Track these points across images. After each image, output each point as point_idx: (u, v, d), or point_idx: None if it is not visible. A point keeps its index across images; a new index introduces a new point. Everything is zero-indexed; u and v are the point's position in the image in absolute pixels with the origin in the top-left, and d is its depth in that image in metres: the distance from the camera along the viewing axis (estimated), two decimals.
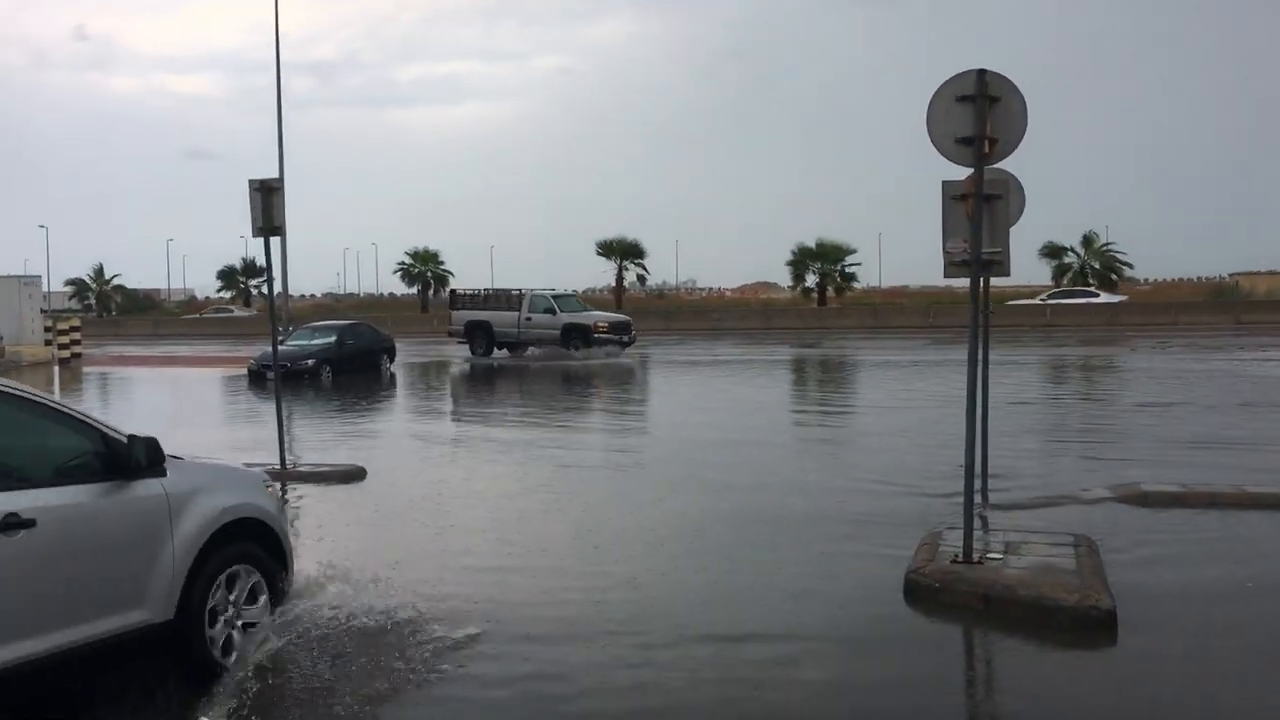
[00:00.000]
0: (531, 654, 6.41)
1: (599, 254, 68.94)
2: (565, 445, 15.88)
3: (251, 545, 6.25)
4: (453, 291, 40.22)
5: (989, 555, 7.87)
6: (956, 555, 7.78)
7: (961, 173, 8.09)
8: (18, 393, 5.47)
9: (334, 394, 24.66)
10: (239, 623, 6.10)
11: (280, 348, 26.84)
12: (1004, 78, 7.92)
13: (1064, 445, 14.80)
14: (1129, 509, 10.21)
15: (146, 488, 5.69)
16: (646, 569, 8.37)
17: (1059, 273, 60.64)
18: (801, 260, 64.20)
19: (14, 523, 4.95)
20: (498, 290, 36.97)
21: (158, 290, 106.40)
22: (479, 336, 35.29)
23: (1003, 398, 16.95)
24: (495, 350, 35.12)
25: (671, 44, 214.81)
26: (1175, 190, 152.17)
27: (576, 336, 33.75)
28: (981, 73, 7.83)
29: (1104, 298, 54.29)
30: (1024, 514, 9.91)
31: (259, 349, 28.91)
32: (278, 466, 12.90)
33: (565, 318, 34.42)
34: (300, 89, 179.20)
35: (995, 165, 8.27)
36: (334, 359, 27.76)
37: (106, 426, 5.67)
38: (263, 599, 6.26)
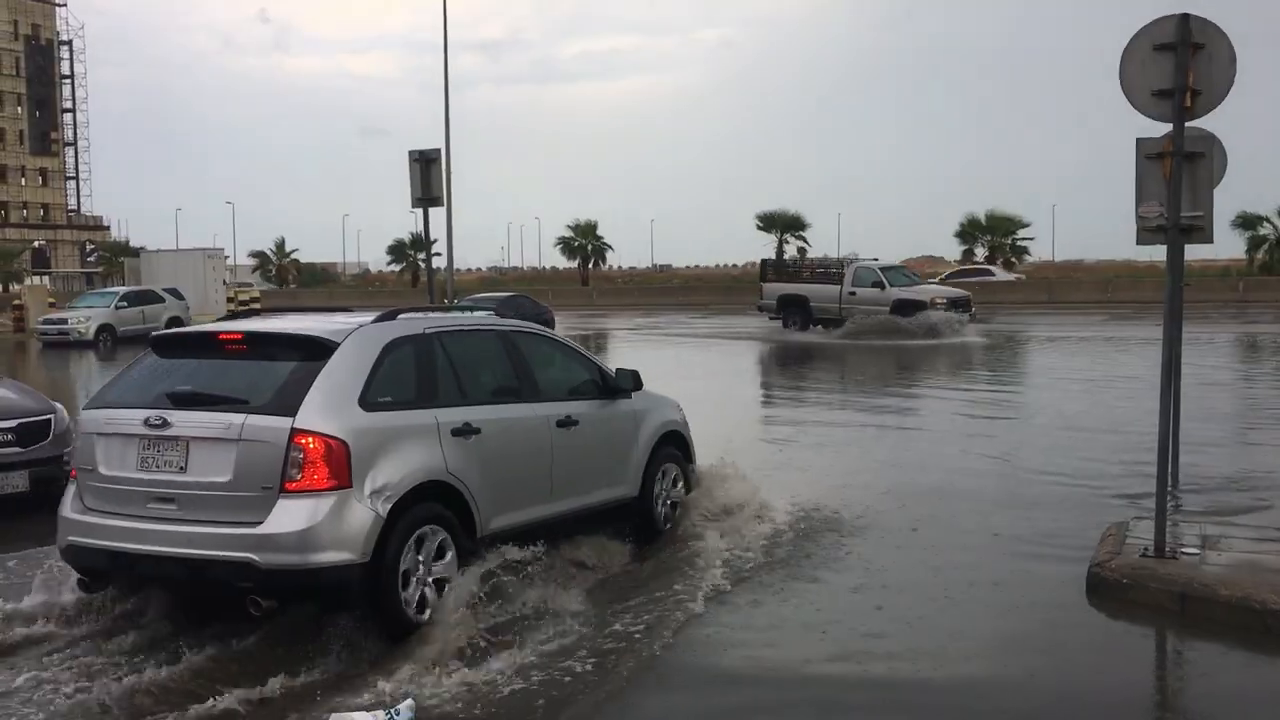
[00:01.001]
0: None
1: (759, 227, 68.16)
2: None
3: (673, 449, 8.61)
4: (764, 262, 37.36)
5: (1183, 549, 7.17)
6: (1147, 549, 7.10)
7: (1157, 130, 7.40)
8: (563, 341, 8.42)
9: None
10: (669, 501, 8.50)
11: None
12: (1210, 23, 7.18)
13: (1261, 431, 13.63)
14: None
15: (626, 405, 8.17)
16: None
17: (1254, 245, 56.60)
18: (970, 232, 61.98)
19: (568, 422, 7.52)
20: (815, 260, 34.24)
21: (334, 264, 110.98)
22: (794, 311, 32.38)
23: (1193, 379, 15.76)
24: (811, 326, 31.89)
25: (836, 12, 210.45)
26: None
27: (909, 312, 29.97)
28: (1185, 17, 7.09)
29: (999, 275, 52.30)
30: (1220, 504, 9.07)
31: None
32: None
33: (896, 292, 31.04)
34: (468, 67, 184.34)
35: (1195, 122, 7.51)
36: None
37: (603, 365, 8.30)
38: (680, 484, 8.66)
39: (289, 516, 5.77)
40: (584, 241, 74.75)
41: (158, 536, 5.98)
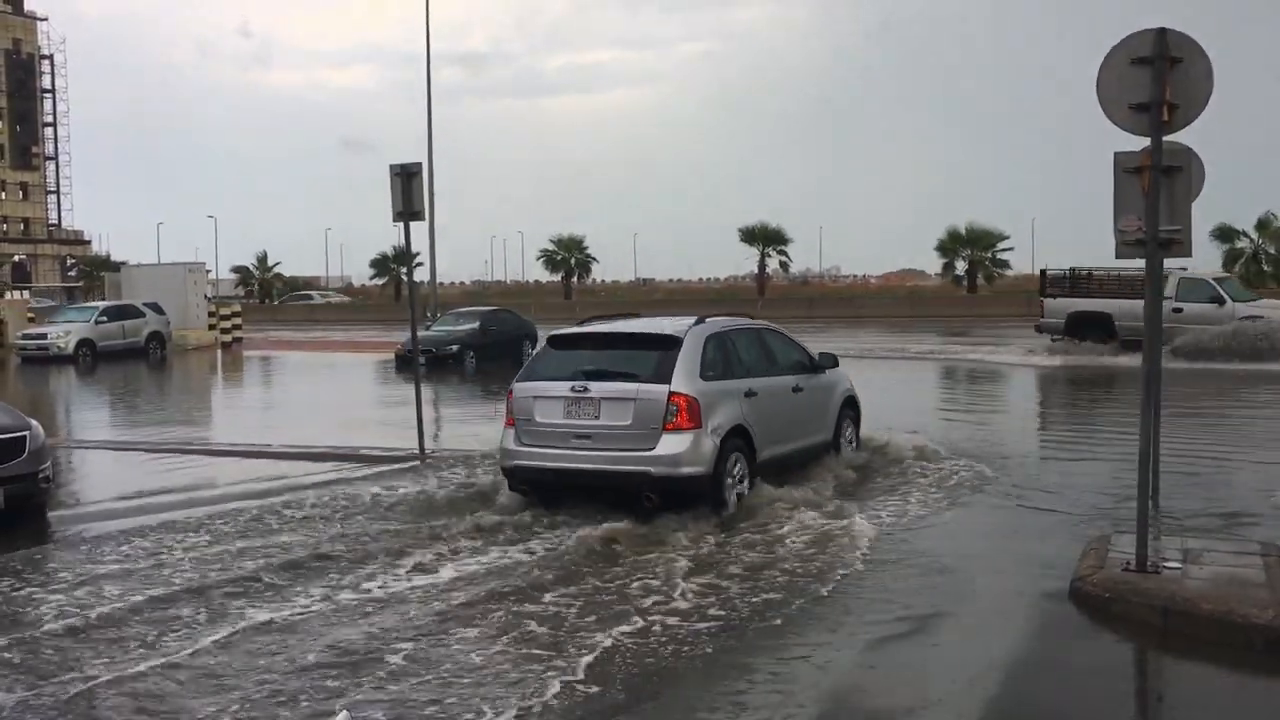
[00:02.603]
0: None
1: (741, 241, 68.24)
2: None
3: (850, 409, 12.23)
4: (1043, 273, 29.45)
5: (1165, 564, 7.15)
6: (1128, 563, 7.08)
7: (1135, 144, 7.42)
8: (786, 334, 11.82)
9: (480, 380, 24.91)
10: (849, 443, 12.11)
11: (425, 334, 27.57)
12: (1187, 37, 7.21)
13: (1239, 450, 13.59)
14: None
15: (826, 377, 11.77)
16: None
17: (1230, 258, 57.02)
18: (951, 246, 62.08)
19: (798, 389, 11.07)
20: (1117, 272, 26.08)
21: (317, 277, 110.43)
22: (1092, 331, 26.00)
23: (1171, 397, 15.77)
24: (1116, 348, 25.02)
25: (816, 25, 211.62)
26: None
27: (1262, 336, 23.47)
28: (1161, 31, 7.12)
29: (317, 298, 51.12)
30: (1201, 520, 9.07)
31: (408, 335, 29.46)
32: (416, 450, 12.96)
33: (1241, 308, 25.18)
34: (451, 80, 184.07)
35: (1172, 136, 7.52)
36: (478, 345, 28.02)
37: (807, 349, 11.75)
38: (851, 431, 12.25)
39: (669, 445, 9.30)
40: (567, 255, 74.68)
41: (580, 459, 9.56)
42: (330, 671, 5.90)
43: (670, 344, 9.77)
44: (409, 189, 13.00)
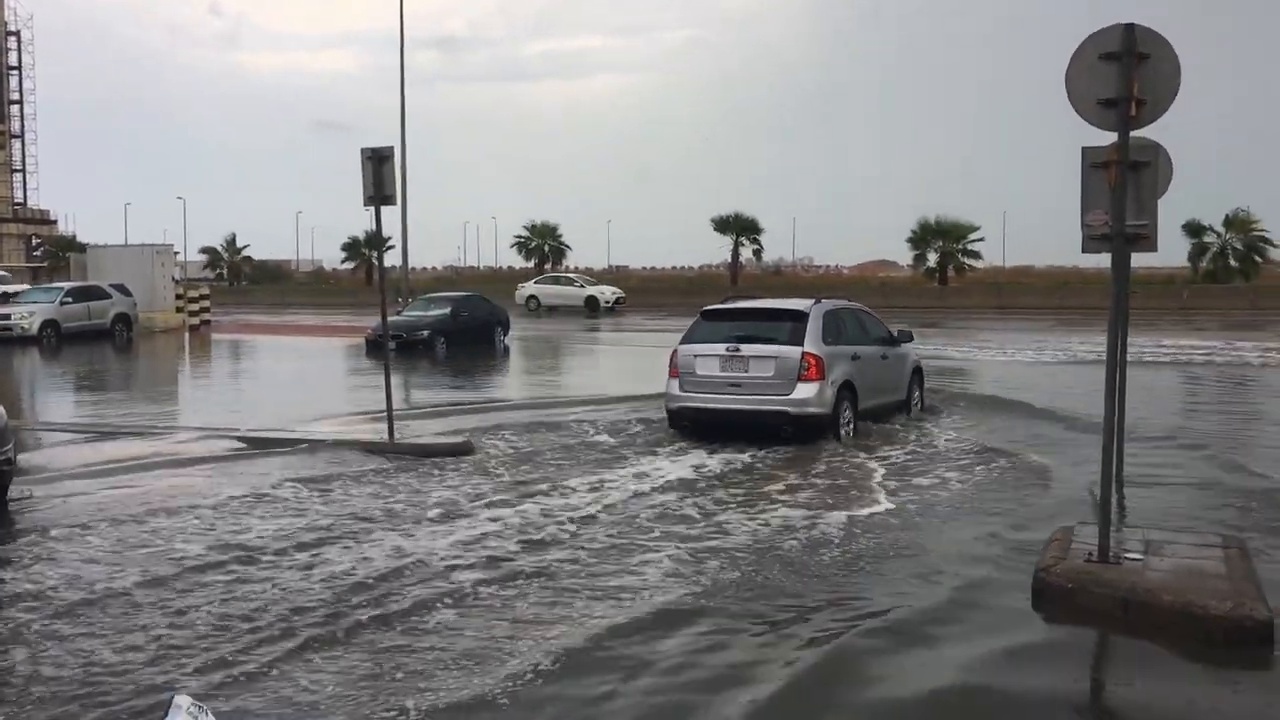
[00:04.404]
0: None
1: (715, 230, 68.31)
2: None
3: (918, 376, 15.31)
4: None
5: (1127, 555, 7.23)
6: (1091, 554, 7.16)
7: (1104, 139, 7.47)
8: (872, 313, 14.90)
9: (451, 365, 24.80)
10: (916, 404, 15.15)
11: (397, 319, 27.38)
12: (1155, 33, 7.23)
13: (1203, 441, 13.79)
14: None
15: (902, 349, 14.84)
16: None
17: (1198, 252, 57.62)
18: (922, 237, 62.39)
19: (884, 356, 14.33)
20: None
21: (287, 261, 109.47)
22: None
23: (1139, 384, 15.94)
24: None
25: (798, 16, 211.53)
26: None
27: None
28: (1130, 27, 7.16)
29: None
30: (1163, 512, 9.18)
31: (379, 320, 29.23)
32: (386, 439, 12.89)
33: None
34: (428, 64, 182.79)
35: (1140, 131, 7.57)
36: (449, 331, 27.90)
37: (888, 326, 14.80)
38: (919, 395, 15.39)
39: (802, 392, 12.56)
40: (540, 242, 74.48)
41: (733, 402, 12.89)
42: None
43: (800, 317, 13.06)
44: (380, 173, 12.90)
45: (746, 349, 12.83)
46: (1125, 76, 7.10)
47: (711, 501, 9.82)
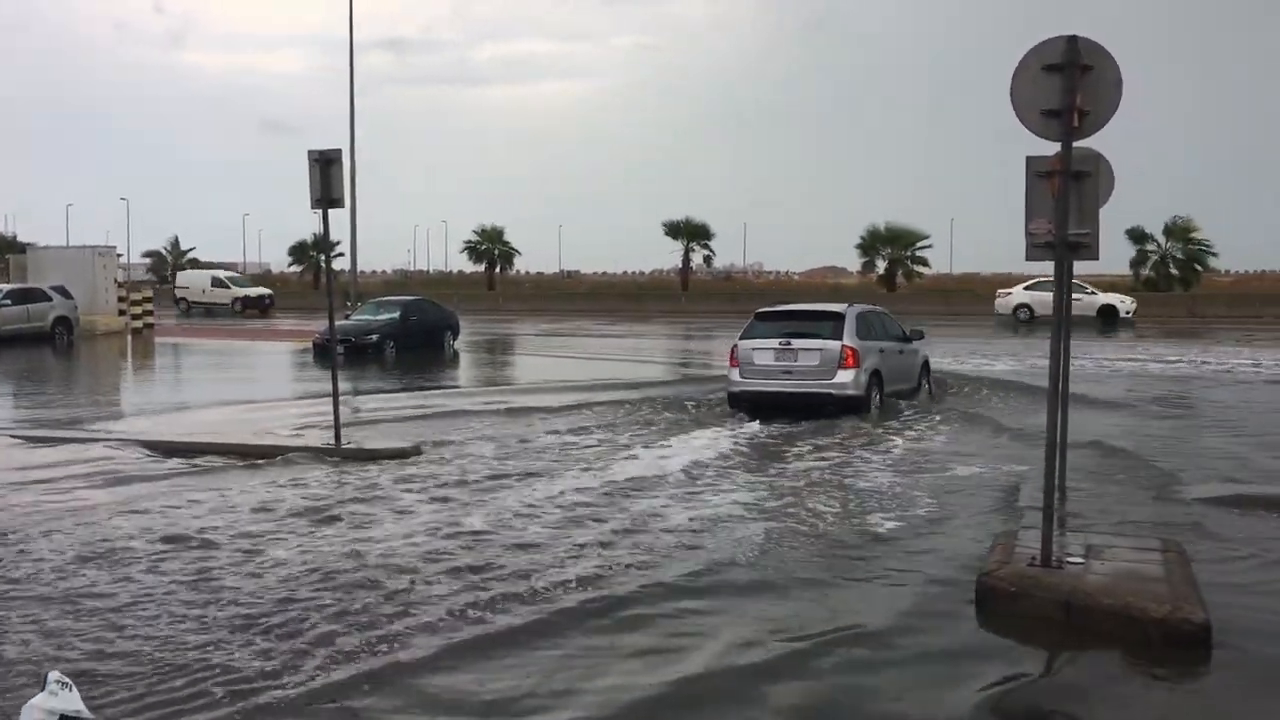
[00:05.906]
0: None
1: (666, 235, 68.48)
2: None
3: (927, 369, 18.64)
4: None
5: (1069, 559, 7.33)
6: (1034, 558, 7.25)
7: (1048, 149, 7.57)
8: (890, 314, 18.27)
9: (399, 370, 24.58)
10: (926, 392, 18.52)
11: (345, 323, 27.10)
12: (1097, 45, 7.34)
13: (1148, 447, 14.05)
14: (1220, 513, 9.57)
15: (915, 346, 18.09)
16: None
17: (1139, 260, 58.57)
18: (871, 244, 63.04)
19: (901, 351, 17.44)
20: None
21: (234, 263, 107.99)
22: None
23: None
24: None
25: (747, 22, 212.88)
26: (1268, 177, 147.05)
27: None
28: (1072, 39, 7.26)
29: None
30: (1104, 516, 9.33)
31: (327, 324, 28.90)
32: (333, 443, 12.74)
33: None
34: (378, 66, 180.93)
35: (1083, 142, 7.69)
36: (398, 335, 27.69)
37: (902, 326, 17.99)
38: (928, 383, 18.71)
39: (842, 377, 15.40)
40: (490, 246, 74.17)
41: (786, 386, 15.70)
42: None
43: (839, 317, 16.09)
44: (328, 176, 12.78)
45: (797, 343, 15.77)
46: (1068, 88, 7.20)
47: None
